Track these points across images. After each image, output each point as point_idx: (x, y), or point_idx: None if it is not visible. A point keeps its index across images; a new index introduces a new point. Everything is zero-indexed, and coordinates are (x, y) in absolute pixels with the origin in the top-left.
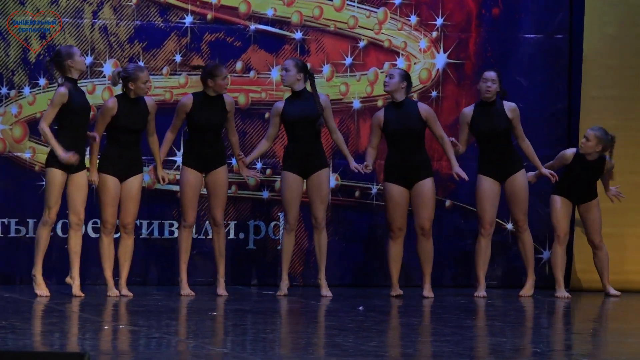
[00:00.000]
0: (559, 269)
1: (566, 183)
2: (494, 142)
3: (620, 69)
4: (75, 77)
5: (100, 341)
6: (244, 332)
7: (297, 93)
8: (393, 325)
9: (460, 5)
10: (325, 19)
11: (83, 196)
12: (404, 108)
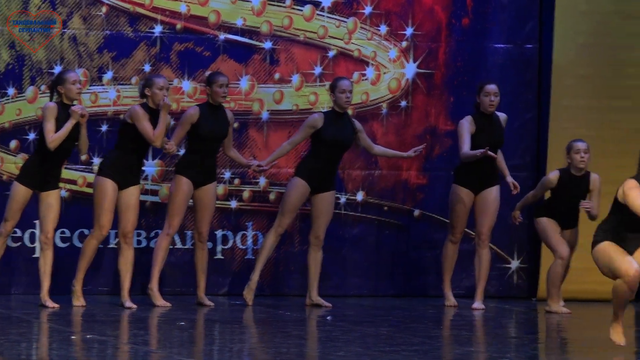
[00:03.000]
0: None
1: (552, 207)
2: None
3: (591, 78)
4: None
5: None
6: (212, 341)
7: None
8: (361, 335)
9: (430, 15)
10: (295, 29)
11: (53, 216)
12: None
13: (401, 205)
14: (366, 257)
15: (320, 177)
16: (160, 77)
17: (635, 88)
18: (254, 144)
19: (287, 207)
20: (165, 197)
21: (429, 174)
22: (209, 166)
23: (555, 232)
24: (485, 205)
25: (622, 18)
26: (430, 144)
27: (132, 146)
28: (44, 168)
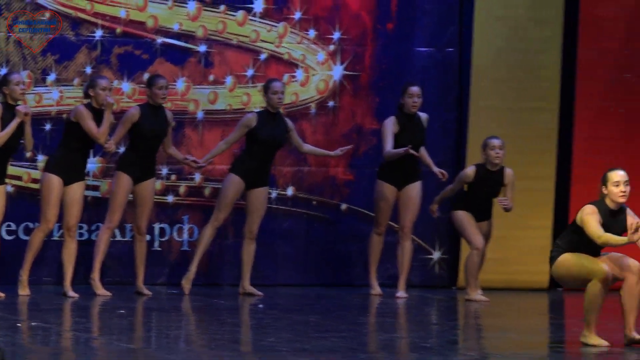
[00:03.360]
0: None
1: (468, 201)
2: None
3: (507, 80)
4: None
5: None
6: (150, 328)
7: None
8: (291, 322)
9: (356, 20)
10: (229, 33)
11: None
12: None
13: (329, 200)
14: (296, 248)
15: (254, 173)
16: (103, 79)
17: (548, 90)
18: (189, 142)
19: (223, 202)
20: (106, 192)
21: (355, 170)
22: (148, 163)
23: (471, 224)
24: (408, 200)
25: (536, 23)
26: (356, 142)
27: (77, 144)
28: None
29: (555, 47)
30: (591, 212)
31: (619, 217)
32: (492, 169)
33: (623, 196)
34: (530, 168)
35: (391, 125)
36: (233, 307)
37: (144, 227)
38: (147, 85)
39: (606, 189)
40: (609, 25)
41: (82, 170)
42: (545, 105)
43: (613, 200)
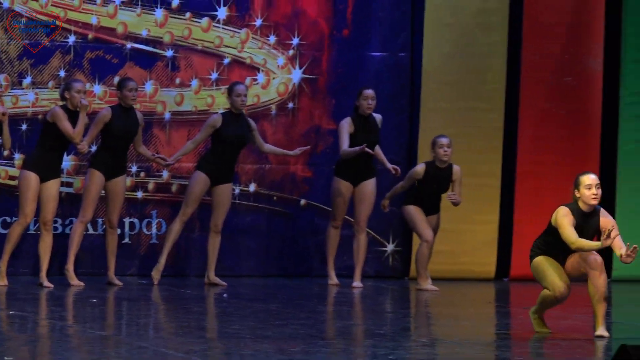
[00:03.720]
0: (424, 266)
1: (418, 196)
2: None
3: (455, 83)
4: None
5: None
6: (121, 317)
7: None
8: (253, 311)
9: (314, 27)
10: (194, 39)
11: None
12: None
13: (289, 196)
14: (258, 241)
15: (219, 171)
16: (79, 82)
17: (494, 91)
18: (157, 141)
19: (190, 198)
20: (79, 188)
21: (313, 167)
22: (119, 161)
23: (421, 218)
24: (363, 196)
25: (483, 29)
26: (314, 142)
27: (53, 143)
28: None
29: (501, 52)
30: (565, 214)
31: (592, 219)
32: (440, 166)
33: (595, 199)
34: (477, 166)
35: (347, 125)
36: (199, 297)
37: (115, 221)
38: (118, 87)
39: (579, 192)
40: (550, 32)
41: (57, 168)
42: (491, 106)
43: (585, 203)
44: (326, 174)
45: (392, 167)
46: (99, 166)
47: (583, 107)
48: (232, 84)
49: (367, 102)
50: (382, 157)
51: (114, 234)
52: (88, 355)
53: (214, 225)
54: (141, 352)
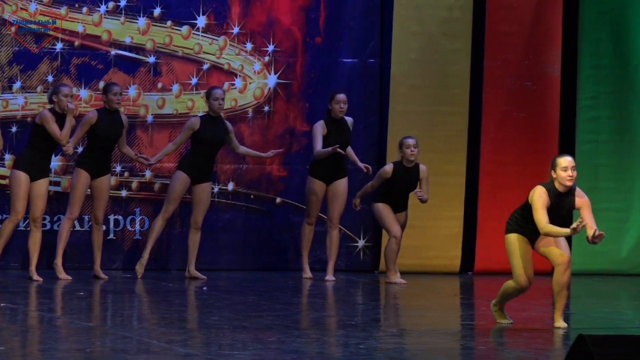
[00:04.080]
0: (393, 261)
1: (387, 195)
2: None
3: (422, 88)
4: None
5: None
6: (107, 308)
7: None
8: (232, 303)
9: (288, 35)
10: (175, 46)
11: None
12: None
13: (265, 194)
14: (236, 237)
15: (199, 170)
16: (66, 86)
17: (458, 96)
18: (140, 142)
19: (171, 196)
20: (66, 187)
21: (288, 167)
22: (104, 161)
23: (389, 215)
24: (335, 194)
25: (447, 37)
26: (289, 143)
27: (42, 144)
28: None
29: (465, 59)
30: (541, 194)
31: (567, 199)
32: (408, 166)
33: (570, 180)
34: (443, 165)
35: (320, 128)
36: (180, 290)
37: (100, 218)
38: (103, 92)
39: (555, 173)
40: (510, 40)
41: (46, 167)
42: (456, 109)
43: (561, 184)
44: (300, 173)
45: (364, 166)
46: (84, 166)
47: (542, 111)
48: (210, 88)
49: (339, 105)
50: (354, 157)
51: (99, 230)
52: (75, 344)
53: (194, 222)
54: (126, 342)
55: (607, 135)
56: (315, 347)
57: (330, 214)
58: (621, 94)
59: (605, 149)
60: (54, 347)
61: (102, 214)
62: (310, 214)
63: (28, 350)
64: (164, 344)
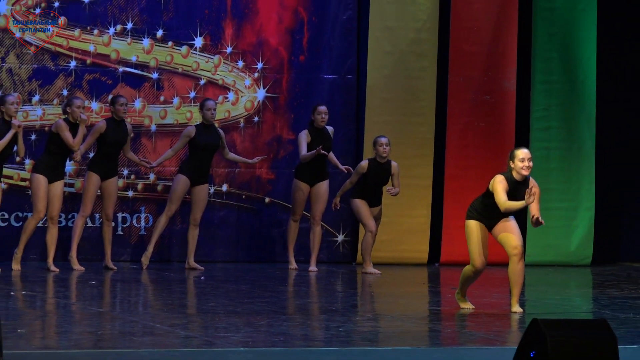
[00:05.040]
0: (369, 253)
1: (363, 190)
2: (319, 156)
3: (394, 100)
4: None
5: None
6: (116, 296)
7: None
8: (226, 291)
9: (275, 54)
10: (175, 64)
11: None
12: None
13: (255, 194)
14: (229, 232)
15: (197, 173)
16: (78, 99)
17: (425, 108)
18: (145, 149)
19: (173, 197)
20: (79, 188)
21: (276, 171)
22: (112, 165)
23: (366, 210)
24: (318, 194)
25: (415, 56)
26: (276, 149)
27: (57, 150)
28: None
29: (431, 75)
30: (500, 181)
31: (523, 187)
32: (381, 161)
33: (527, 169)
34: (412, 169)
35: (304, 136)
36: (181, 279)
37: (110, 215)
38: (111, 103)
39: (513, 164)
40: (472, 58)
41: (62, 170)
42: (423, 120)
43: (518, 173)
44: (286, 176)
45: (345, 168)
46: (95, 169)
47: (500, 121)
48: (203, 100)
49: (321, 116)
50: (336, 161)
51: (109, 226)
52: (88, 328)
53: (193, 219)
54: (132, 325)
55: (557, 143)
56: (300, 330)
57: (313, 213)
58: (569, 106)
59: (555, 155)
60: (69, 330)
61: (112, 211)
62: (296, 212)
63: (46, 332)
64: (166, 327)
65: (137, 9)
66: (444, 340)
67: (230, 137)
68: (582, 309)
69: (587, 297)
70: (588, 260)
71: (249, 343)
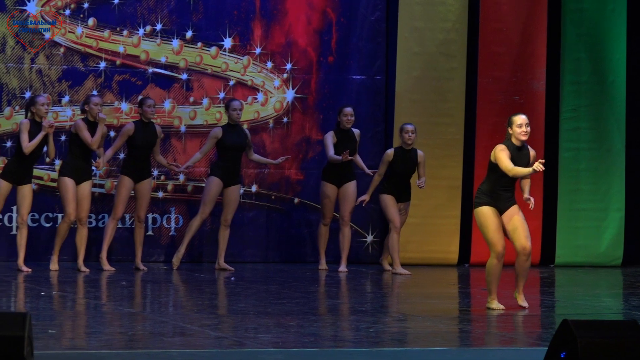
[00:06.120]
0: (397, 252)
1: (391, 182)
2: None
3: (423, 101)
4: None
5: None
6: (146, 296)
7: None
8: (256, 291)
9: (304, 55)
10: (204, 64)
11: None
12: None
13: (285, 195)
14: (259, 233)
15: (228, 174)
16: (96, 96)
17: (454, 109)
18: (175, 150)
19: (207, 199)
20: (109, 189)
21: (304, 171)
22: (144, 166)
23: (393, 206)
24: (346, 195)
25: (444, 57)
26: (305, 150)
27: (79, 150)
28: (21, 167)
29: (460, 76)
30: (502, 149)
31: (523, 152)
32: (406, 148)
33: (525, 135)
34: (441, 170)
35: (330, 137)
36: (211, 280)
37: (142, 216)
38: (139, 105)
39: (511, 130)
40: (501, 59)
41: (88, 171)
42: (452, 121)
43: (517, 139)
44: (315, 177)
45: (371, 172)
46: (127, 172)
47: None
48: (229, 100)
49: (347, 118)
50: (362, 163)
51: (141, 228)
52: (119, 328)
53: (224, 220)
54: (162, 326)
55: (586, 144)
56: (330, 331)
57: (341, 213)
58: (598, 107)
59: (585, 156)
60: (100, 330)
61: (144, 213)
62: (325, 215)
63: (76, 333)
64: (197, 328)
65: (167, 9)
66: (474, 341)
67: (259, 137)
68: (612, 310)
69: (618, 298)
70: (618, 261)
71: (279, 344)
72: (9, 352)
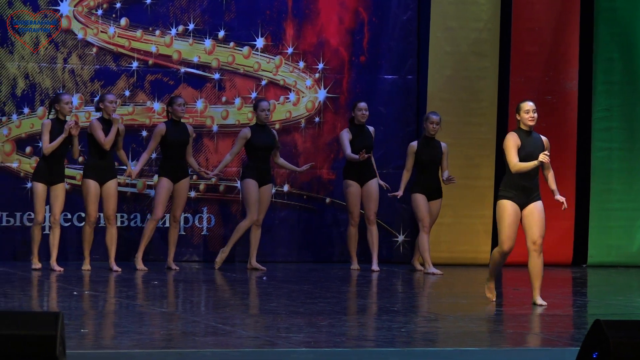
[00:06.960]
0: (427, 251)
1: (420, 178)
2: None
3: (454, 101)
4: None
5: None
6: (178, 295)
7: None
8: (288, 291)
9: (336, 54)
10: (237, 64)
11: (60, 203)
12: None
13: (316, 195)
14: (291, 232)
15: (261, 174)
16: (111, 94)
17: (486, 108)
18: (207, 149)
19: (250, 202)
20: (141, 189)
21: (336, 171)
22: (180, 166)
23: (424, 206)
24: (369, 193)
25: (476, 56)
26: (337, 150)
27: (97, 150)
28: (49, 168)
29: (492, 75)
30: (510, 138)
31: (533, 137)
32: (429, 137)
33: (532, 120)
34: (473, 170)
35: (346, 134)
36: (243, 279)
37: (178, 216)
38: (169, 104)
39: (519, 116)
40: (533, 59)
41: (110, 169)
42: (484, 120)
43: (525, 124)
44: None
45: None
46: (164, 173)
47: (561, 121)
48: (257, 100)
49: (362, 112)
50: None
51: (176, 228)
52: (151, 327)
53: (256, 220)
54: (194, 326)
55: (619, 143)
56: (362, 331)
57: (367, 213)
58: (631, 107)
59: (617, 156)
60: (132, 330)
61: (180, 213)
62: (352, 213)
63: (108, 332)
64: (228, 327)
65: (199, 9)
66: (506, 341)
67: (291, 137)
68: None
69: None
70: None
71: (310, 343)
72: (42, 351)
